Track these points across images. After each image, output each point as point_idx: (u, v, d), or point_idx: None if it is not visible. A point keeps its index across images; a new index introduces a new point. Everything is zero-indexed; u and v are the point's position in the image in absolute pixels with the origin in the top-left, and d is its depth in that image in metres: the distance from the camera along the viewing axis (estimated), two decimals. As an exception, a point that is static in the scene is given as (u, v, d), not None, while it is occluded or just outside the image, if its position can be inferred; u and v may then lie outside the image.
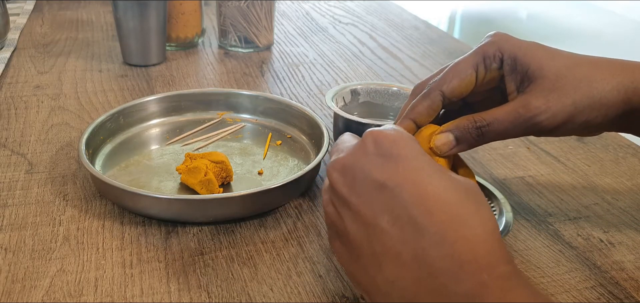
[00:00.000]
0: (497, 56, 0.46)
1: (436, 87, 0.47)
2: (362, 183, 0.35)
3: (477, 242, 0.32)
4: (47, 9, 1.16)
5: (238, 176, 0.58)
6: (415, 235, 0.32)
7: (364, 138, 0.37)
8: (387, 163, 0.34)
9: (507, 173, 0.61)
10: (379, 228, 0.33)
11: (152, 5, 0.84)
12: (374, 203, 0.34)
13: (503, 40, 0.47)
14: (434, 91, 0.47)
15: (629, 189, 0.59)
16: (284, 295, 0.44)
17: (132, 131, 0.65)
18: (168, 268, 0.46)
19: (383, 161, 0.35)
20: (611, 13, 4.36)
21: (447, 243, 0.31)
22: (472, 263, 0.31)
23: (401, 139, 0.36)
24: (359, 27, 1.13)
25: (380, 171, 0.34)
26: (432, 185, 0.33)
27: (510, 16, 4.32)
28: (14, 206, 0.53)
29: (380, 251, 0.33)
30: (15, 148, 0.63)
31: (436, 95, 0.47)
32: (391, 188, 0.33)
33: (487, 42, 0.47)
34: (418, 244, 0.32)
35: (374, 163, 0.35)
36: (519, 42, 0.47)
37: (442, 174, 0.34)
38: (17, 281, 0.44)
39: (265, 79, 0.86)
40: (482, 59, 0.47)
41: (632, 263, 0.48)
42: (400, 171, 0.34)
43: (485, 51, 0.47)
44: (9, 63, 0.87)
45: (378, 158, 0.35)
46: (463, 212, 0.33)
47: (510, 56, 0.46)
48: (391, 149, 0.35)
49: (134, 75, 0.85)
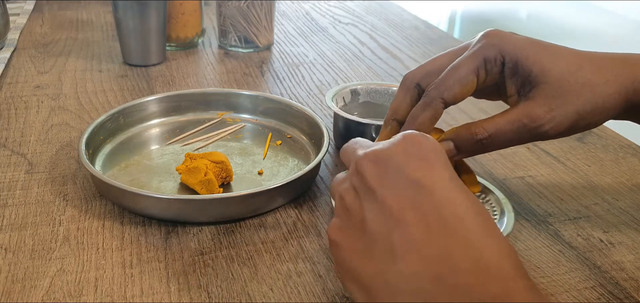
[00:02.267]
0: (498, 59, 0.45)
1: (437, 96, 0.45)
2: (394, 176, 0.35)
3: (504, 254, 0.32)
4: (47, 9, 1.16)
5: (238, 176, 0.58)
6: (443, 234, 0.32)
7: (405, 137, 0.36)
8: (423, 163, 0.35)
9: (507, 173, 0.61)
10: (404, 222, 0.33)
11: (152, 5, 0.84)
12: (403, 197, 0.34)
13: (503, 41, 0.45)
14: (436, 100, 0.45)
15: (629, 189, 0.59)
16: (284, 295, 0.44)
17: (132, 131, 0.65)
18: (168, 268, 0.46)
19: (419, 161, 0.35)
20: (611, 13, 4.36)
21: (475, 248, 0.32)
22: (500, 271, 0.31)
23: (438, 148, 0.36)
24: (359, 27, 1.13)
25: (415, 169, 0.34)
26: (461, 194, 0.34)
27: (510, 16, 4.32)
28: (14, 206, 0.53)
29: (398, 243, 0.33)
30: (15, 148, 0.63)
31: (438, 104, 0.45)
32: (425, 186, 0.34)
33: (487, 44, 0.45)
34: (445, 242, 0.32)
35: (410, 161, 0.35)
36: (519, 42, 0.45)
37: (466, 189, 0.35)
38: (17, 281, 0.44)
39: (265, 79, 0.86)
40: (483, 63, 0.45)
41: (632, 263, 0.48)
42: (436, 174, 0.34)
43: (486, 55, 0.45)
44: (9, 63, 0.87)
45: (415, 158, 0.35)
46: (487, 225, 0.33)
47: (512, 59, 0.45)
48: (428, 154, 0.35)
49: (134, 75, 0.85)
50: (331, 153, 0.65)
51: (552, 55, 0.45)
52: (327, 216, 0.53)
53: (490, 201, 0.52)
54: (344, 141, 0.64)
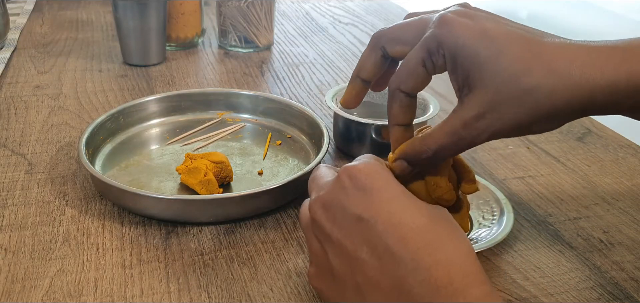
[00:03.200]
0: (439, 52, 0.40)
1: (396, 88, 0.42)
2: (342, 217, 0.36)
3: (452, 266, 0.32)
4: (47, 9, 1.16)
5: (238, 176, 0.58)
6: (393, 263, 0.33)
7: (340, 174, 0.37)
8: (363, 196, 0.35)
9: (507, 173, 0.61)
10: (360, 260, 0.34)
11: (152, 5, 0.84)
12: (353, 235, 0.35)
13: (446, 31, 0.39)
14: (396, 92, 0.42)
15: (629, 189, 0.59)
16: (284, 295, 0.44)
17: (132, 131, 0.65)
18: (168, 268, 0.46)
19: (359, 194, 0.36)
20: (611, 13, 4.36)
21: (423, 269, 0.32)
22: (448, 287, 0.32)
23: (375, 171, 0.37)
24: (359, 27, 1.13)
25: (357, 205, 0.35)
26: (404, 213, 0.34)
27: (510, 16, 4.29)
28: (14, 206, 0.53)
29: (362, 282, 0.34)
30: (15, 148, 0.63)
31: (399, 95, 0.42)
32: (367, 220, 0.34)
33: (431, 35, 0.40)
34: (396, 272, 0.33)
35: (351, 197, 0.36)
36: (464, 35, 0.39)
37: (414, 202, 0.35)
38: (17, 281, 0.44)
39: (265, 79, 0.86)
40: (427, 55, 0.40)
41: (632, 263, 0.48)
42: (375, 202, 0.35)
43: (428, 46, 0.40)
44: (9, 63, 0.87)
45: (354, 192, 0.36)
46: (436, 237, 0.33)
47: (451, 53, 0.39)
48: (365, 182, 0.36)
49: (134, 75, 0.85)
50: (331, 153, 0.65)
51: (496, 54, 0.37)
52: (327, 216, 0.53)
53: (490, 201, 0.52)
54: (344, 141, 0.64)
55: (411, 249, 0.33)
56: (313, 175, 0.42)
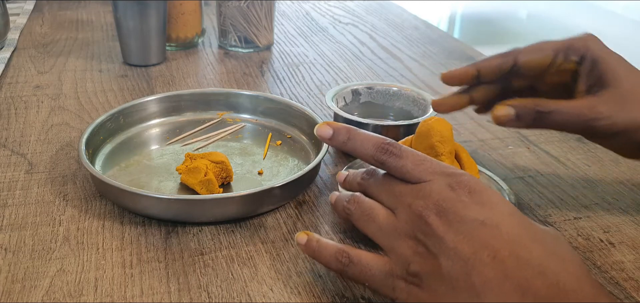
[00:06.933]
0: (580, 51, 0.49)
1: (513, 53, 0.50)
2: (460, 222, 0.36)
3: (581, 276, 0.34)
4: (47, 9, 1.16)
5: (238, 176, 0.58)
6: (518, 267, 0.34)
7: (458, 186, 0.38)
8: (484, 206, 0.37)
9: (507, 173, 0.61)
10: (480, 262, 0.35)
11: (152, 5, 0.84)
12: (473, 239, 0.35)
13: (592, 41, 0.50)
14: (509, 55, 0.50)
15: (629, 189, 0.59)
16: (284, 295, 0.44)
17: (132, 131, 0.65)
18: (168, 268, 0.46)
19: (479, 205, 0.37)
20: (611, 13, 4.36)
21: (551, 274, 0.33)
22: (578, 293, 0.33)
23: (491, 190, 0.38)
24: (359, 27, 1.13)
25: (478, 213, 0.37)
26: (526, 228, 0.36)
27: (511, 16, 4.32)
28: (14, 206, 0.53)
29: (479, 282, 0.34)
30: (15, 148, 0.63)
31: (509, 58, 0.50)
32: (490, 227, 0.36)
33: (578, 37, 0.50)
34: (521, 275, 0.34)
35: (471, 207, 0.37)
36: (605, 48, 0.49)
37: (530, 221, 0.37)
38: (17, 281, 0.44)
39: (265, 79, 0.86)
40: (565, 49, 0.50)
41: (632, 263, 0.48)
42: (497, 213, 0.37)
43: (571, 44, 0.50)
44: (9, 63, 0.88)
45: (474, 204, 0.37)
46: (560, 251, 0.35)
47: (593, 57, 0.49)
48: (482, 197, 0.37)
49: (134, 75, 0.85)
50: (331, 153, 0.65)
51: (628, 70, 0.49)
52: (327, 216, 0.53)
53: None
54: (344, 141, 0.64)
55: (537, 256, 0.34)
56: (374, 170, 0.43)
